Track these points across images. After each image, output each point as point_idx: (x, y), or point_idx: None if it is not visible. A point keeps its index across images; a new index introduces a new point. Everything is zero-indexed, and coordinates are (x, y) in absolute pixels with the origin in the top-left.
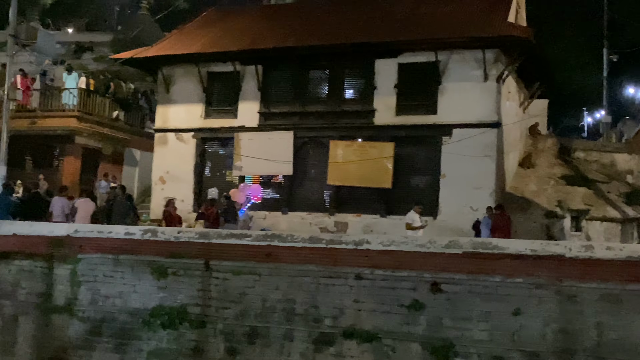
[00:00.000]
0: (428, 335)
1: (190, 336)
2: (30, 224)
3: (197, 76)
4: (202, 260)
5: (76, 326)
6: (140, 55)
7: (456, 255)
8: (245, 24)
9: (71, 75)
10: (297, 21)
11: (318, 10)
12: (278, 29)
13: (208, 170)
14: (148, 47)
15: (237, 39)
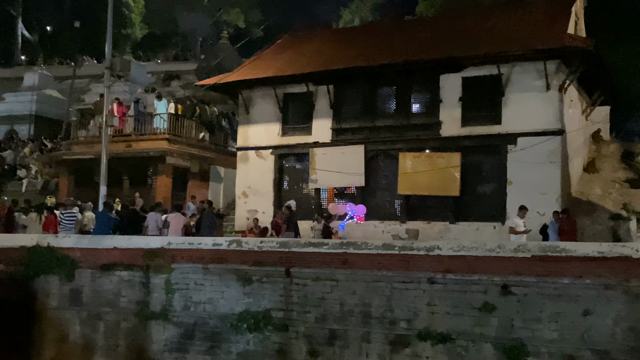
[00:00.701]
0: (500, 336)
1: (275, 339)
2: (128, 238)
3: (273, 97)
4: (283, 267)
5: (171, 330)
6: (222, 81)
7: (525, 258)
8: (317, 47)
9: (161, 101)
10: (365, 42)
11: (384, 30)
12: (347, 50)
13: (286, 184)
14: (229, 73)
15: (310, 62)
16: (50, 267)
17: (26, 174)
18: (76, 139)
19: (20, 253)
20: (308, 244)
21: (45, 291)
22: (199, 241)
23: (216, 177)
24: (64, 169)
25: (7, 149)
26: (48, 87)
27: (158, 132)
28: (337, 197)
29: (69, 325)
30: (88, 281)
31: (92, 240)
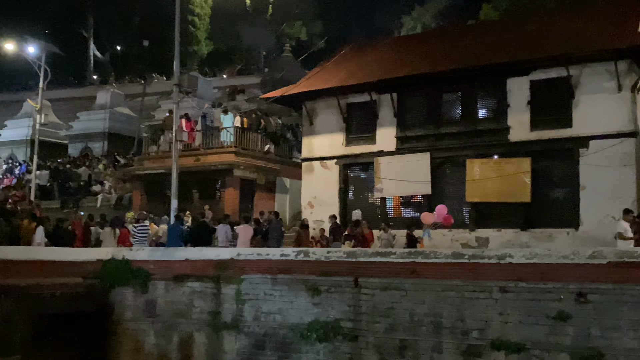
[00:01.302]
0: (576, 345)
1: (345, 349)
2: (199, 250)
3: (337, 108)
4: (351, 277)
5: (243, 341)
6: (286, 93)
7: (601, 265)
8: (379, 56)
9: (227, 115)
10: (428, 48)
11: (447, 36)
12: (410, 57)
13: (351, 193)
14: (292, 86)
15: (372, 71)
16: (125, 280)
17: (101, 189)
18: (147, 155)
19: (96, 266)
20: (375, 253)
21: (120, 303)
22: (267, 252)
23: (282, 189)
24: (137, 184)
25: (82, 166)
26: (119, 105)
27: (225, 145)
28: (402, 206)
29: (144, 336)
30: (162, 292)
31: (165, 253)
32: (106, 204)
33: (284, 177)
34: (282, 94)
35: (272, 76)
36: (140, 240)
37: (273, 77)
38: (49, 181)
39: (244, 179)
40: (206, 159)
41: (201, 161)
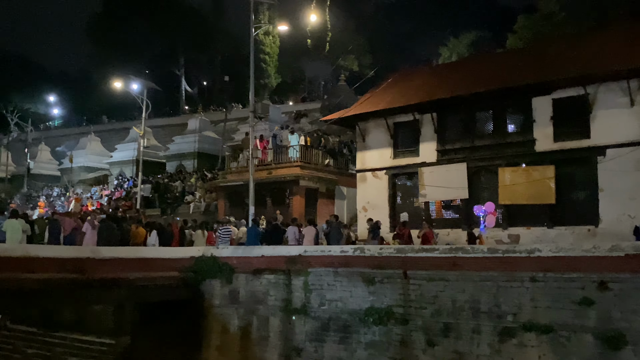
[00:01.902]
0: (599, 327)
1: (397, 331)
2: (273, 248)
3: (385, 127)
4: (400, 270)
5: (310, 324)
6: (342, 115)
7: (619, 257)
8: (420, 82)
9: (293, 135)
10: (462, 74)
11: (479, 63)
12: (447, 82)
13: (399, 198)
14: (347, 109)
15: (415, 95)
16: (214, 273)
17: (192, 198)
18: (229, 169)
19: (190, 262)
20: (421, 249)
21: (210, 292)
22: (329, 249)
23: (340, 196)
24: (221, 194)
25: (177, 180)
26: (206, 130)
27: (292, 160)
28: (444, 209)
29: (229, 319)
30: (243, 283)
31: (245, 250)
32: (197, 211)
33: (341, 186)
34: (339, 117)
35: (330, 102)
36: (224, 240)
37: (331, 102)
38: (151, 193)
39: (308, 188)
40: (277, 172)
41: (273, 174)
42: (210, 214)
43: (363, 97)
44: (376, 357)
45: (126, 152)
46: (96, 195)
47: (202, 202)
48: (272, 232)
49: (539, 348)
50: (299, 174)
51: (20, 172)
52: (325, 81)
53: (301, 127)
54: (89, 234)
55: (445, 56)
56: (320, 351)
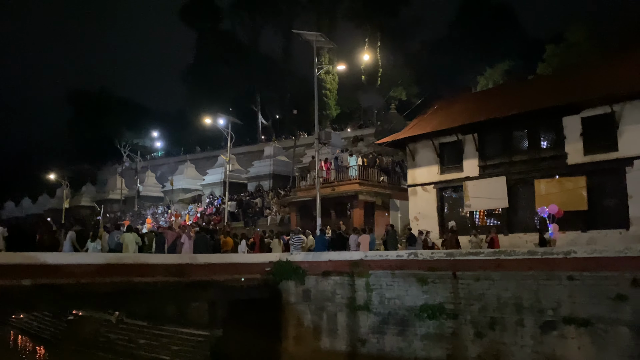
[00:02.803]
0: (634, 320)
1: (448, 324)
2: (338, 253)
3: (432, 147)
4: (450, 271)
5: (372, 318)
6: (394, 138)
7: None
8: (462, 108)
9: (352, 157)
10: (499, 99)
11: (513, 89)
12: (485, 106)
13: (446, 209)
14: (398, 133)
15: (458, 118)
16: (289, 275)
17: (269, 212)
18: (299, 188)
19: (269, 266)
20: (468, 253)
21: (286, 291)
22: (386, 254)
23: (394, 207)
24: (293, 208)
25: (257, 198)
26: (279, 155)
27: (352, 178)
28: (487, 217)
29: (303, 314)
30: (314, 284)
31: (315, 255)
32: (274, 223)
33: (395, 199)
34: (391, 139)
35: (383, 127)
36: (296, 247)
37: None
38: (236, 209)
39: (366, 202)
40: (339, 188)
41: (336, 190)
42: (285, 226)
43: (412, 122)
44: (431, 347)
45: (215, 176)
46: (192, 211)
47: (278, 216)
48: (337, 239)
49: (578, 339)
50: (358, 190)
51: (131, 195)
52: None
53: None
54: (186, 243)
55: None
56: (382, 342)
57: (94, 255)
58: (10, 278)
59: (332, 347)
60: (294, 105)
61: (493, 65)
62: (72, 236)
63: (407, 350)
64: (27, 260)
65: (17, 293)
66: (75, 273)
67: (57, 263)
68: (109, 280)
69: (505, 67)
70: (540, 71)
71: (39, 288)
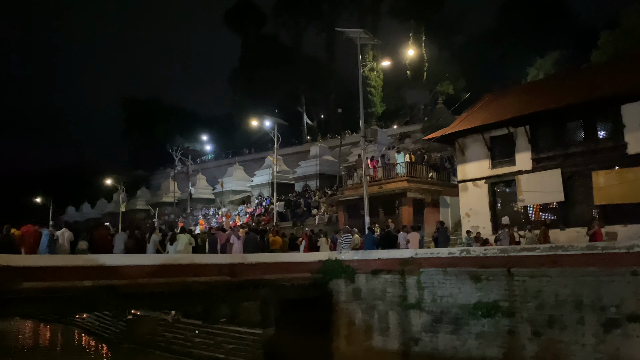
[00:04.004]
0: None
1: (504, 322)
2: (388, 251)
3: (482, 141)
4: (504, 268)
5: (424, 317)
6: (443, 133)
7: None
8: (512, 100)
9: (400, 154)
10: (550, 89)
11: (566, 78)
12: (537, 98)
13: (499, 204)
14: (446, 128)
15: (508, 110)
16: (338, 274)
17: (317, 212)
18: (346, 186)
19: (319, 265)
20: (523, 249)
21: (336, 290)
22: (437, 251)
23: (444, 204)
24: (340, 207)
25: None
26: (325, 154)
27: (399, 176)
28: (541, 211)
29: (354, 313)
30: (364, 282)
31: (364, 254)
32: (321, 222)
33: (445, 196)
34: (440, 135)
35: (430, 123)
36: (345, 246)
37: (431, 123)
38: (284, 209)
39: (415, 199)
40: (387, 186)
41: (383, 188)
42: (333, 225)
43: (460, 116)
44: (486, 346)
45: (263, 177)
46: (242, 212)
47: (326, 215)
48: (386, 238)
49: None
50: (406, 187)
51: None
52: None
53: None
54: (236, 244)
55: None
56: (435, 341)
57: (150, 257)
58: (73, 279)
59: (384, 346)
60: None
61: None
62: (155, 239)
63: (461, 349)
64: (87, 263)
65: (78, 294)
66: (133, 274)
67: (114, 264)
68: (165, 280)
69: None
70: (594, 59)
71: (98, 289)
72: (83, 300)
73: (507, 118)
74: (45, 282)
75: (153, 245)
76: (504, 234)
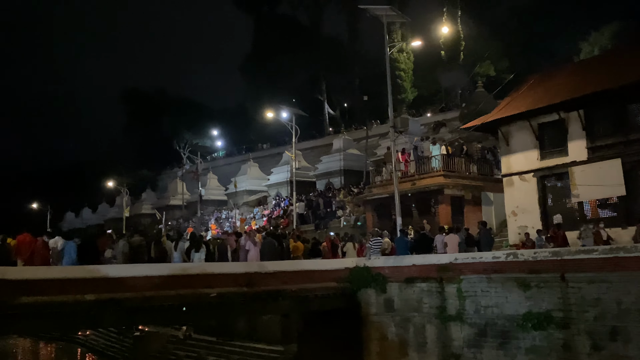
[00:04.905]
0: None
1: (558, 335)
2: (423, 256)
3: (529, 129)
4: (557, 273)
5: (467, 330)
6: (483, 121)
7: None
8: (563, 81)
9: (435, 146)
10: (609, 67)
11: (625, 54)
12: (592, 77)
13: (549, 200)
14: (487, 115)
15: (558, 93)
16: (368, 282)
17: (342, 213)
18: (374, 184)
19: (345, 273)
20: (579, 251)
21: (366, 301)
22: (480, 255)
23: (487, 202)
24: (368, 207)
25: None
26: (350, 148)
27: (435, 170)
28: (599, 207)
29: (386, 327)
30: (397, 292)
31: (396, 260)
32: (347, 225)
33: (487, 192)
34: (480, 123)
35: (469, 109)
36: (375, 251)
37: (470, 110)
38: (305, 210)
39: (453, 196)
40: (420, 182)
41: (417, 185)
42: (360, 227)
43: (503, 101)
44: None
45: (281, 175)
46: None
47: (352, 216)
48: (421, 241)
49: None
50: (443, 183)
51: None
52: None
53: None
54: (252, 250)
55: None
56: (479, 357)
57: (157, 266)
58: (74, 293)
59: None
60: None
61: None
62: (182, 247)
63: None
64: (90, 274)
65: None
66: (139, 286)
67: (119, 276)
68: (175, 292)
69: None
70: None
71: (102, 303)
72: (86, 316)
73: (558, 102)
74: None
75: (180, 255)
76: (586, 232)
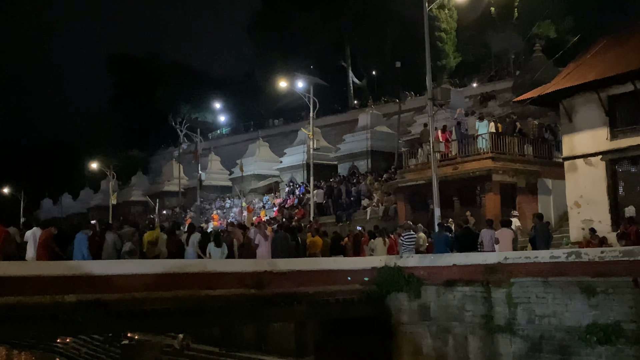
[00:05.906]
0: None
1: (629, 352)
2: (466, 255)
3: (597, 102)
4: (629, 277)
5: (518, 344)
6: (542, 93)
7: None
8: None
9: (482, 122)
10: None
11: None
12: None
13: (621, 189)
14: (546, 85)
15: (634, 59)
16: (399, 285)
17: (368, 202)
18: (408, 168)
19: (372, 274)
20: None
21: (397, 307)
22: (535, 255)
23: (544, 190)
24: (400, 196)
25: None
26: (379, 125)
27: (481, 152)
28: None
29: (421, 338)
30: (434, 297)
31: (433, 259)
32: (375, 217)
33: (545, 178)
34: (537, 95)
35: (524, 79)
36: (408, 248)
37: (525, 79)
38: (324, 199)
39: (503, 183)
40: (464, 166)
41: (459, 169)
42: (390, 219)
43: (566, 68)
44: None
45: (296, 156)
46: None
47: (380, 207)
48: (463, 237)
49: None
50: (491, 167)
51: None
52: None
53: (490, 112)
54: (262, 246)
55: None
56: None
57: (150, 263)
58: (52, 293)
59: None
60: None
61: None
62: (195, 240)
63: None
64: (70, 271)
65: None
66: (128, 286)
67: (105, 274)
68: (171, 294)
69: None
70: None
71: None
72: (65, 320)
73: (634, 69)
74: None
75: (193, 249)
76: None
